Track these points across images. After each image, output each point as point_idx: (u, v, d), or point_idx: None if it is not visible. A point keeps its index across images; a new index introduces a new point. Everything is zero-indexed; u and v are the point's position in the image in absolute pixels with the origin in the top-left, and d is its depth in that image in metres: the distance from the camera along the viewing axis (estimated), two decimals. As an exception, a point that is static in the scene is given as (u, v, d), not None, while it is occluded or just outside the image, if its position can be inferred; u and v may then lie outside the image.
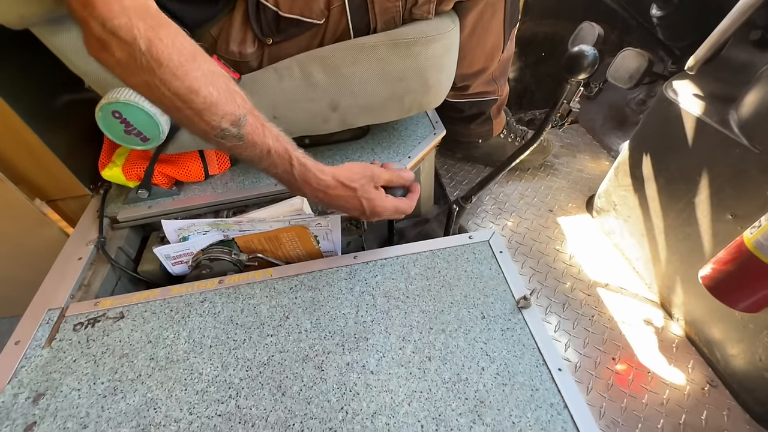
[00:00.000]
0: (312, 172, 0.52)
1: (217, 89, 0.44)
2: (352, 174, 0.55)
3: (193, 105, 0.43)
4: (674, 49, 1.04)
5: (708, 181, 0.67)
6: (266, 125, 0.49)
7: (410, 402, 0.47)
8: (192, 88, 0.42)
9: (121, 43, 0.39)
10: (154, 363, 0.54)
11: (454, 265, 0.62)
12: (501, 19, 0.81)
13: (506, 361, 0.50)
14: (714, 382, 0.69)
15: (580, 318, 0.80)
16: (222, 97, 0.44)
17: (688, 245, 0.72)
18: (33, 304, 0.63)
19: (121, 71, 0.42)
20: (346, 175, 0.54)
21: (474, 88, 0.95)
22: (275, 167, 0.51)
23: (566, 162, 1.16)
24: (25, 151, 0.73)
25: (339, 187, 0.54)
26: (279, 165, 0.51)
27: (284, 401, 0.49)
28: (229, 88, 0.46)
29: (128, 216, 0.76)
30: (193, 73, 0.42)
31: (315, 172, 0.52)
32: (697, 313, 0.73)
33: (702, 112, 0.68)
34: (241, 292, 0.61)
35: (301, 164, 0.51)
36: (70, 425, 0.49)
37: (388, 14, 0.66)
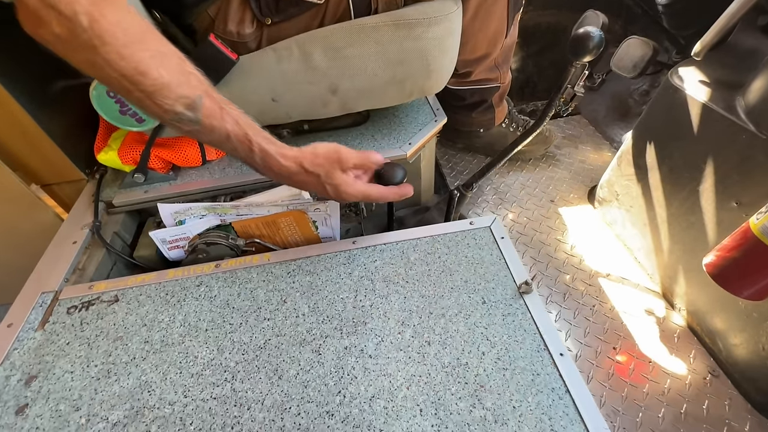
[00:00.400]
0: (274, 157, 0.50)
1: (168, 71, 0.42)
2: (316, 158, 0.52)
3: (143, 87, 0.41)
4: (679, 38, 1.02)
5: (713, 168, 0.66)
6: (225, 108, 0.47)
7: (409, 386, 0.47)
8: (139, 70, 0.40)
9: (61, 18, 0.37)
10: (148, 346, 0.53)
11: (455, 250, 0.61)
12: (505, 2, 0.79)
13: (507, 346, 0.49)
14: (716, 372, 0.69)
15: (581, 308, 0.79)
16: (174, 79, 0.42)
17: (692, 234, 0.71)
18: (26, 286, 0.62)
19: (62, 48, 0.39)
20: (310, 159, 0.52)
21: (476, 75, 0.93)
22: (236, 152, 0.49)
23: (568, 153, 1.15)
24: (20, 134, 0.72)
25: (302, 173, 0.52)
26: (240, 150, 0.49)
27: (281, 384, 0.48)
28: (183, 69, 0.44)
29: (124, 200, 0.75)
30: (139, 54, 0.40)
31: (277, 158, 0.50)
32: (700, 302, 0.72)
33: (708, 98, 0.67)
34: (237, 277, 0.60)
35: (262, 149, 0.50)
36: (62, 407, 0.48)
37: None
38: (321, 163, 0.52)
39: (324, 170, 0.52)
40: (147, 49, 0.41)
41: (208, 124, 0.45)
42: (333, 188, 0.53)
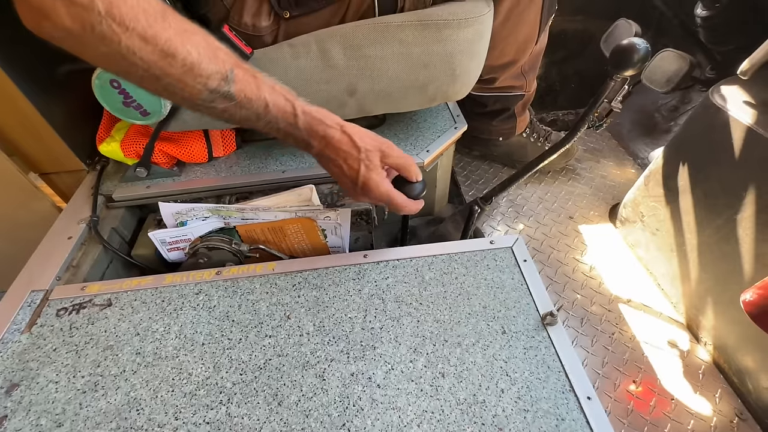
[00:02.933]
0: (319, 119, 0.47)
1: (196, 47, 0.38)
2: (364, 135, 0.49)
3: (172, 70, 0.38)
4: (715, 53, 0.97)
5: (755, 196, 0.62)
6: (258, 76, 0.44)
7: (420, 423, 0.42)
8: (166, 51, 0.37)
9: (73, 7, 0.32)
10: (140, 358, 0.49)
11: (473, 271, 0.56)
12: (539, 7, 0.75)
13: (528, 384, 0.45)
14: (743, 415, 0.64)
15: (599, 335, 0.75)
16: (203, 55, 0.39)
17: (725, 265, 0.67)
18: (15, 284, 0.59)
19: (73, 43, 0.35)
20: (357, 132, 0.49)
21: (501, 82, 0.89)
22: (276, 122, 0.46)
23: (589, 167, 1.10)
24: (20, 120, 0.68)
25: (345, 141, 0.48)
26: (280, 118, 0.45)
27: (280, 412, 0.44)
28: (210, 44, 0.40)
29: (124, 195, 0.71)
30: (164, 34, 0.36)
31: (321, 118, 0.47)
32: (729, 338, 0.67)
33: (754, 120, 0.62)
34: (239, 286, 0.56)
35: (305, 111, 0.46)
36: (43, 422, 0.44)
37: None
38: (368, 141, 0.49)
39: (366, 149, 0.49)
40: (170, 27, 0.37)
41: (243, 96, 0.42)
42: (366, 171, 0.49)
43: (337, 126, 0.48)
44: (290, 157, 0.77)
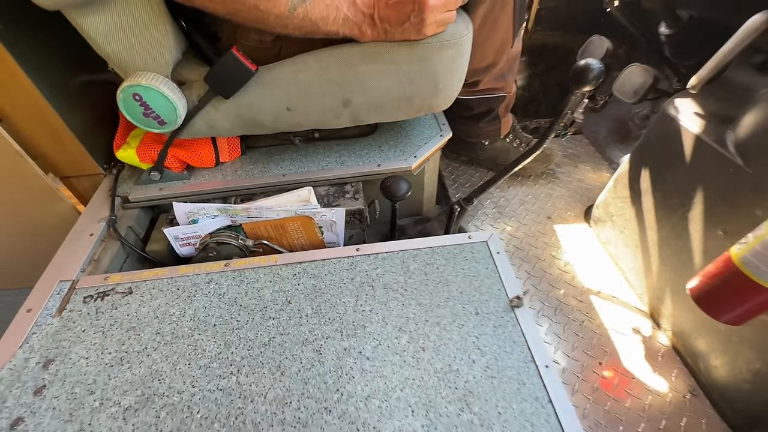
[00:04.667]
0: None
1: None
2: None
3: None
4: (680, 67, 1.06)
5: (702, 197, 0.70)
6: None
7: (402, 388, 0.50)
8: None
9: None
10: (159, 337, 0.56)
11: (452, 262, 0.64)
12: (510, 13, 0.84)
13: (496, 356, 0.52)
14: (695, 392, 0.72)
15: (570, 323, 0.82)
16: None
17: (680, 258, 0.75)
18: (45, 275, 0.65)
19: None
20: None
21: (484, 84, 0.97)
22: (337, 10, 0.59)
23: (568, 171, 1.18)
24: (43, 127, 0.75)
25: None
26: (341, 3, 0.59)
27: (283, 380, 0.51)
28: None
29: (140, 196, 0.78)
30: None
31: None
32: (685, 324, 0.75)
33: (701, 130, 0.70)
34: (245, 276, 0.63)
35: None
36: (77, 390, 0.51)
37: None
38: None
39: None
40: None
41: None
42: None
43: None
44: (289, 162, 0.84)
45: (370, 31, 0.63)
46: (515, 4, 0.82)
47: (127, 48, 0.59)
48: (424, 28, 0.62)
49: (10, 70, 0.66)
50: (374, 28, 0.63)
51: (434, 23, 0.63)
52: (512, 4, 0.81)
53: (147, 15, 0.57)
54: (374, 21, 0.62)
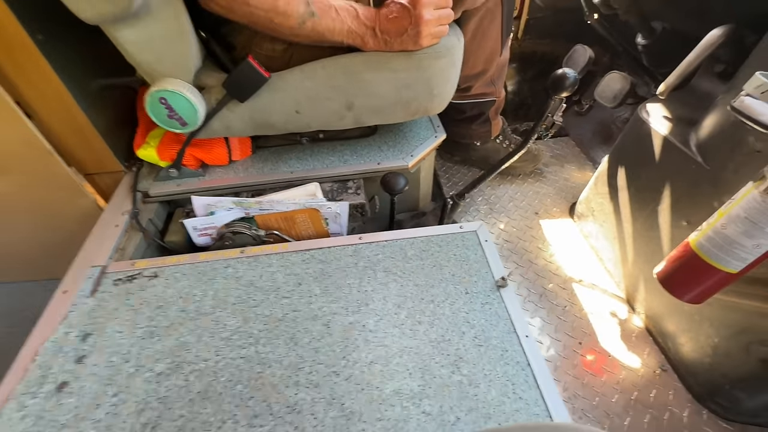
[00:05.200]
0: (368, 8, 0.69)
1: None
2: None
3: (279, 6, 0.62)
4: (656, 74, 1.14)
5: (669, 192, 0.78)
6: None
7: (401, 355, 0.57)
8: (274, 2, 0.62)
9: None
10: (185, 314, 0.63)
11: (446, 249, 0.71)
12: (498, 25, 0.92)
13: (483, 328, 0.60)
14: (665, 367, 0.80)
15: (554, 308, 0.90)
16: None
17: (651, 247, 0.83)
18: (77, 261, 0.72)
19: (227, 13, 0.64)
20: None
21: (475, 90, 1.05)
22: (342, 23, 0.66)
23: (554, 171, 1.26)
24: (72, 127, 0.82)
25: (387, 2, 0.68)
26: (345, 17, 0.66)
27: (296, 349, 0.58)
28: None
29: (159, 192, 0.85)
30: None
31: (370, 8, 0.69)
32: (656, 307, 0.83)
33: (668, 132, 0.78)
34: (260, 261, 0.71)
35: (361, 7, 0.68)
36: (114, 359, 0.58)
37: None
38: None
39: None
40: None
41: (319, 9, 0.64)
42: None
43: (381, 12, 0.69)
44: (296, 160, 0.91)
45: (371, 41, 0.71)
46: (503, 18, 0.90)
47: (157, 58, 0.66)
48: (420, 40, 0.70)
49: (46, 74, 0.73)
50: (375, 39, 0.70)
51: (429, 35, 0.70)
52: (500, 17, 0.90)
53: (174, 28, 0.64)
54: (375, 33, 0.70)
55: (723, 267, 0.56)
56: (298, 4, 0.63)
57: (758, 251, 0.54)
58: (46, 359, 0.58)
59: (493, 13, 0.88)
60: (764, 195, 0.50)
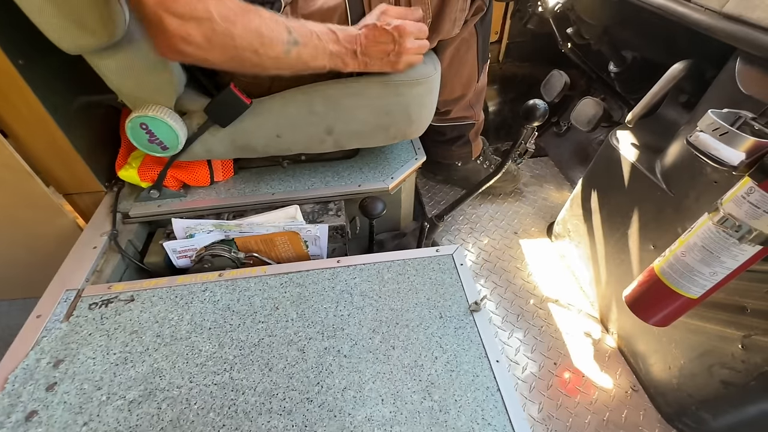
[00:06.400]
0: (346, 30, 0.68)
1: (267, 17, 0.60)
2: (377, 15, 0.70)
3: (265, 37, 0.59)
4: (629, 99, 1.19)
5: (637, 216, 0.81)
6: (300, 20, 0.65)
7: (374, 381, 0.58)
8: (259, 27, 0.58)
9: (201, 24, 0.53)
10: (160, 339, 0.63)
11: (422, 272, 0.73)
12: (474, 53, 0.95)
13: (455, 353, 0.61)
14: (636, 387, 0.82)
15: (530, 328, 0.92)
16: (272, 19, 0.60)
17: (622, 269, 0.85)
18: (52, 284, 0.72)
19: (203, 53, 0.56)
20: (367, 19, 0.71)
21: (454, 113, 1.08)
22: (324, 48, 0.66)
23: (534, 191, 1.29)
24: (51, 146, 0.82)
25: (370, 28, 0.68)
26: (327, 41, 0.66)
27: (271, 376, 0.59)
28: (273, 18, 0.61)
29: (139, 213, 0.86)
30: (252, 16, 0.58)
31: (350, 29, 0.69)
32: (628, 328, 0.85)
33: (636, 159, 0.82)
34: (238, 285, 0.71)
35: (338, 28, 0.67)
36: (86, 386, 0.58)
37: None
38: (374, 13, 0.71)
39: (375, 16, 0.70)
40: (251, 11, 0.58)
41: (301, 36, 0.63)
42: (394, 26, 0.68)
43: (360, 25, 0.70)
44: (278, 182, 0.93)
45: (351, 62, 0.71)
46: (478, 46, 0.94)
47: (137, 84, 0.68)
48: (398, 65, 0.73)
49: (26, 97, 0.73)
50: (355, 60, 0.71)
51: (406, 62, 0.73)
52: (476, 46, 0.93)
53: (157, 57, 0.66)
54: (356, 54, 0.71)
55: (684, 293, 0.59)
56: (281, 32, 0.62)
57: (715, 278, 0.56)
58: (15, 387, 0.57)
59: (469, 43, 0.92)
60: (718, 226, 0.53)
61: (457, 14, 0.79)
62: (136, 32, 0.63)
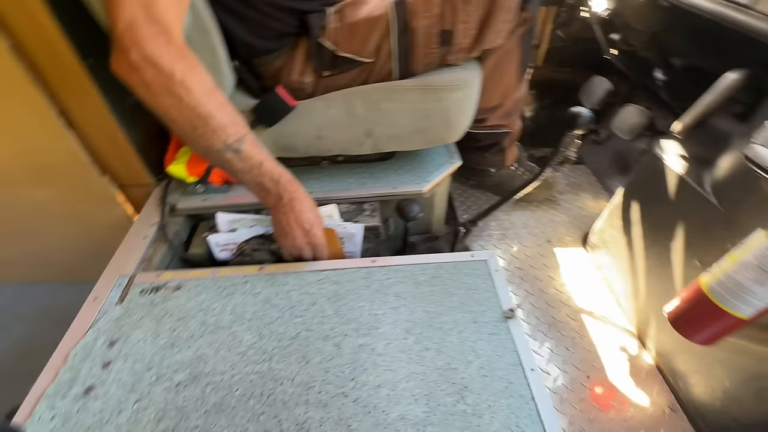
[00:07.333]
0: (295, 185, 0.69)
1: (227, 115, 0.59)
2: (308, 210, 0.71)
3: (210, 125, 0.57)
4: (675, 108, 1.15)
5: (682, 230, 0.78)
6: (259, 145, 0.64)
7: (408, 380, 0.59)
8: (211, 113, 0.57)
9: (158, 72, 0.52)
10: (204, 327, 0.67)
11: (456, 276, 0.73)
12: (516, 64, 0.94)
13: (489, 358, 0.61)
14: (674, 407, 0.79)
15: (563, 338, 0.90)
16: (230, 121, 0.60)
17: (663, 285, 0.82)
18: (108, 269, 0.77)
19: (145, 92, 0.55)
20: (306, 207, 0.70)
21: (491, 121, 1.07)
22: (261, 176, 0.65)
23: (569, 199, 1.27)
24: (110, 140, 0.88)
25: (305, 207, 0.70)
26: (267, 173, 0.65)
27: (307, 368, 0.61)
28: (235, 114, 0.61)
29: (186, 206, 0.90)
30: (212, 102, 0.57)
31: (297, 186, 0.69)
32: (667, 345, 0.82)
33: (683, 170, 0.79)
34: (276, 279, 0.74)
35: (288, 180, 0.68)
36: (137, 367, 0.62)
37: (427, 59, 0.79)
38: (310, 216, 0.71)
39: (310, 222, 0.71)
40: (216, 99, 0.58)
41: (248, 153, 0.62)
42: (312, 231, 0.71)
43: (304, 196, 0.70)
44: (315, 181, 0.95)
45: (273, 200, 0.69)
46: (521, 57, 0.93)
47: (193, 85, 0.72)
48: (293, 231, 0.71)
49: (90, 93, 0.79)
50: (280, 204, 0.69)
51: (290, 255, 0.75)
52: (518, 56, 0.92)
53: (211, 60, 0.70)
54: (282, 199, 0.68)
55: (734, 312, 0.57)
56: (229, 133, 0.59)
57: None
58: (75, 363, 0.62)
59: (511, 53, 0.91)
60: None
61: (503, 25, 0.79)
62: (193, 39, 0.67)
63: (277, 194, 0.68)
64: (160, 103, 0.56)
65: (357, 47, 0.77)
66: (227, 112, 0.59)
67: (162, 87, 0.53)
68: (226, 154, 0.61)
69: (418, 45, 0.77)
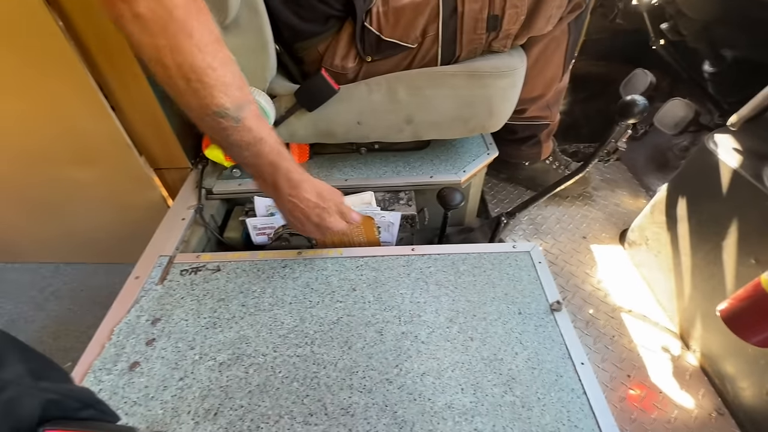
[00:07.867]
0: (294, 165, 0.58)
1: (232, 74, 0.47)
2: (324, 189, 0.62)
3: (206, 79, 0.45)
4: (723, 103, 1.10)
5: (736, 227, 0.74)
6: (262, 119, 0.53)
7: (453, 370, 0.58)
8: (212, 66, 0.45)
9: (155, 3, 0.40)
10: (245, 309, 0.67)
11: (498, 267, 0.72)
12: (562, 53, 0.91)
13: (537, 350, 0.59)
14: (722, 411, 0.75)
15: (601, 336, 0.88)
16: (233, 82, 0.47)
17: (712, 284, 0.79)
18: (148, 250, 0.77)
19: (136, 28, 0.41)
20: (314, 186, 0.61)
21: (530, 112, 1.05)
22: (259, 157, 0.54)
23: (604, 195, 1.23)
24: (151, 123, 0.89)
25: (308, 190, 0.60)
26: (265, 155, 0.54)
27: (350, 354, 0.60)
28: (241, 78, 0.49)
29: (222, 189, 0.90)
30: (216, 53, 0.45)
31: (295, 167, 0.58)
32: (714, 346, 0.79)
33: (739, 165, 0.75)
34: (315, 264, 0.73)
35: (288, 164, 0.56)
36: (180, 345, 0.62)
37: (472, 45, 0.77)
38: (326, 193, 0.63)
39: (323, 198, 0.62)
40: (220, 52, 0.46)
41: (247, 124, 0.50)
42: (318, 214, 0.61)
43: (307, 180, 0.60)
44: (351, 168, 0.94)
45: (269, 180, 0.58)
46: (568, 45, 0.90)
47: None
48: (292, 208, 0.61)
49: (136, 74, 0.80)
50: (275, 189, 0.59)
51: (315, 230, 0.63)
52: (565, 44, 0.89)
53: (258, 42, 0.69)
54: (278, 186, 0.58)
55: (800, 313, 0.54)
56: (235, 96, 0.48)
57: (843, 299, 0.51)
58: (120, 339, 0.62)
59: (558, 41, 0.88)
60: None
61: (554, 11, 0.76)
62: (243, 18, 0.67)
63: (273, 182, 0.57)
64: (148, 45, 0.43)
65: (402, 32, 0.75)
66: (231, 71, 0.47)
67: (157, 24, 0.41)
68: (222, 120, 0.48)
69: (465, 30, 0.75)
